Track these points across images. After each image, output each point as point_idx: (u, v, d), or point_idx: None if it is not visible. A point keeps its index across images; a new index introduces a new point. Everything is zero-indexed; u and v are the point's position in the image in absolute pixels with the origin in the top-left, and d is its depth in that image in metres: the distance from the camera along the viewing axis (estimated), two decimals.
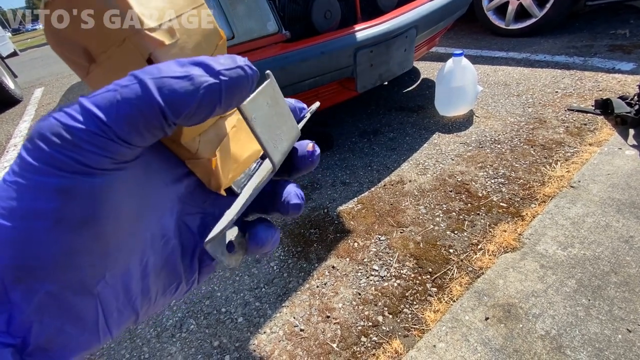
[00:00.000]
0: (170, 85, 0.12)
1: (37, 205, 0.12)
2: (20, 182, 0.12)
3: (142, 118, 0.12)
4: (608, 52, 2.26)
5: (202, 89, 0.13)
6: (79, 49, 0.16)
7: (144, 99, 0.12)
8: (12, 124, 3.69)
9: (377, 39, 1.43)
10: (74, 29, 0.15)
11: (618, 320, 0.86)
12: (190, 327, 1.10)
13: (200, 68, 0.13)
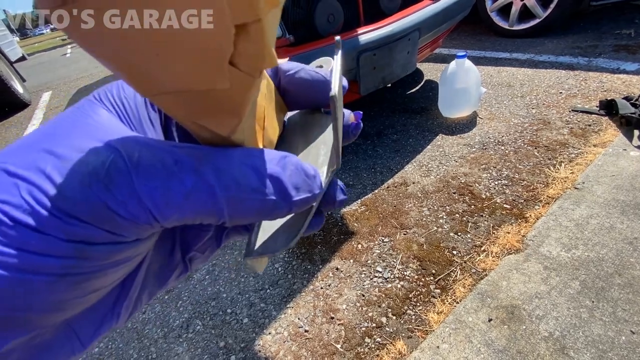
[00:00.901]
0: (242, 202, 0.13)
1: (46, 260, 0.11)
2: (25, 223, 0.11)
3: (197, 220, 0.13)
4: (613, 52, 2.25)
5: (268, 211, 0.13)
6: None
7: (211, 212, 0.12)
8: (20, 127, 3.75)
9: (379, 42, 1.44)
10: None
11: (622, 322, 0.86)
12: (196, 327, 1.12)
13: (274, 188, 0.13)
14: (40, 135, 0.13)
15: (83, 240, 0.11)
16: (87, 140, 0.13)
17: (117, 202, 0.11)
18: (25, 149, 0.13)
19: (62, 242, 0.11)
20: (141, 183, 0.12)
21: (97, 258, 0.12)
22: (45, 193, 0.11)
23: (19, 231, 0.11)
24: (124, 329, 1.17)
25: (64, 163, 0.12)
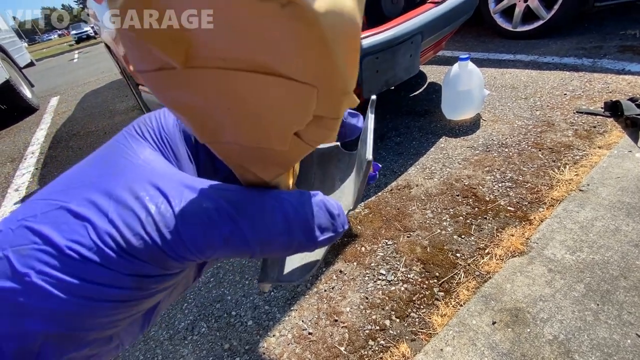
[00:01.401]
0: (271, 244, 0.14)
1: (110, 290, 0.13)
2: (94, 260, 0.13)
3: (232, 257, 0.15)
4: (618, 53, 2.24)
5: (294, 249, 0.15)
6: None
7: (244, 252, 0.15)
8: (29, 132, 3.82)
9: (382, 46, 1.45)
10: None
11: (627, 325, 0.86)
12: (201, 329, 1.13)
13: (301, 230, 0.15)
14: (96, 175, 0.15)
15: (140, 274, 0.14)
16: (139, 183, 0.15)
17: (169, 246, 0.14)
18: (85, 189, 0.15)
19: (124, 275, 0.13)
20: (186, 231, 0.14)
21: (150, 287, 0.14)
22: (110, 236, 0.13)
23: (88, 266, 0.13)
24: None
25: (123, 208, 0.14)
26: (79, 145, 3.01)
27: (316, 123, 0.12)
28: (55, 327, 0.13)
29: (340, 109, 0.12)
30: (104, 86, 5.17)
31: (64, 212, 0.14)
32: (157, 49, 0.09)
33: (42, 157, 2.98)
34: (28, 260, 0.13)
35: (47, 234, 0.13)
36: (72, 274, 0.13)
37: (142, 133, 0.17)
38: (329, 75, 0.10)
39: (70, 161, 2.72)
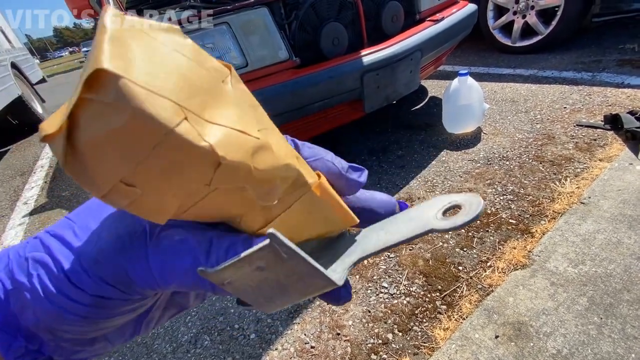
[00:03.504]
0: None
1: (76, 305, 0.16)
2: (69, 277, 0.16)
3: (192, 290, 0.18)
4: (617, 66, 2.27)
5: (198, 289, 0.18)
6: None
7: (200, 288, 0.17)
8: (39, 146, 3.90)
9: (383, 63, 1.49)
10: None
11: (631, 339, 0.85)
12: (204, 343, 1.14)
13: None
14: (96, 205, 0.19)
15: (102, 295, 0.16)
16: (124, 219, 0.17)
17: (134, 270, 0.16)
18: (89, 215, 0.18)
19: (88, 295, 0.16)
20: (155, 255, 0.16)
21: (110, 307, 0.17)
22: (88, 260, 0.16)
23: (64, 284, 0.16)
24: (134, 344, 1.19)
25: (108, 236, 0.17)
26: None
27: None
28: (40, 322, 0.16)
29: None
30: None
31: (70, 232, 0.17)
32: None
33: (51, 170, 3.04)
34: (36, 265, 0.17)
35: (52, 248, 0.17)
36: (54, 284, 0.16)
37: None
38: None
39: None
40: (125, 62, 0.11)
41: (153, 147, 0.11)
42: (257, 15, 1.37)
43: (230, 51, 1.35)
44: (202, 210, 0.15)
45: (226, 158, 0.13)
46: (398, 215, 0.18)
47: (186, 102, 0.12)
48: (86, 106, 0.11)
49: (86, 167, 0.12)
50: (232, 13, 1.32)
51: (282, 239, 0.13)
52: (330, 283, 0.16)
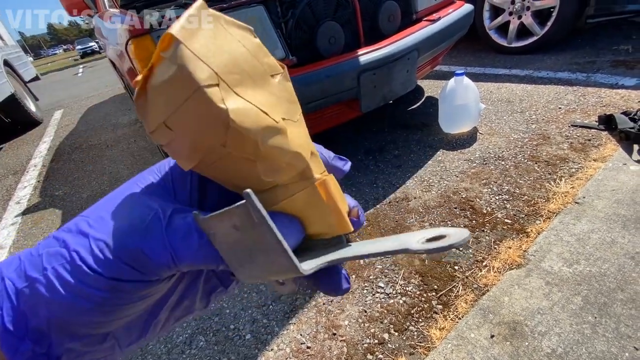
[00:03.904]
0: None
1: (93, 291, 0.16)
2: (90, 266, 0.16)
3: (203, 266, 0.18)
4: (611, 67, 2.29)
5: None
6: None
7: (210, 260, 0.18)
8: (32, 144, 3.86)
9: (379, 62, 1.49)
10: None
11: (625, 338, 0.86)
12: (199, 343, 1.13)
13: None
14: (115, 196, 0.20)
15: (119, 278, 0.16)
16: (138, 200, 0.19)
17: (151, 248, 0.17)
18: (102, 208, 0.19)
19: (104, 278, 0.16)
20: (170, 234, 0.17)
21: (127, 292, 0.17)
22: (104, 242, 0.17)
23: (81, 271, 0.16)
24: None
25: (121, 219, 0.18)
26: (81, 158, 3.04)
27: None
28: (53, 317, 0.16)
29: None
30: (108, 100, 5.25)
31: (84, 223, 0.18)
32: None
33: (44, 169, 3.01)
34: (50, 259, 0.17)
35: (68, 240, 0.17)
36: (70, 273, 0.16)
37: (148, 178, 0.21)
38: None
39: (72, 174, 2.75)
40: (189, 34, 0.15)
41: (186, 98, 0.15)
42: (253, 13, 1.36)
43: None
44: (218, 171, 0.17)
45: (235, 122, 0.15)
46: (389, 237, 0.20)
47: (224, 75, 0.15)
48: (159, 60, 0.15)
49: (146, 106, 0.16)
50: (228, 11, 1.31)
51: (255, 202, 0.15)
52: (294, 267, 0.16)
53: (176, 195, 0.20)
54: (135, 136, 3.25)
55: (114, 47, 1.63)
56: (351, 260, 0.19)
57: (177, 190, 0.20)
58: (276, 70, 0.18)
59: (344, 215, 0.20)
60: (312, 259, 0.19)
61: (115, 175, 2.53)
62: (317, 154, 0.20)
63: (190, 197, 0.20)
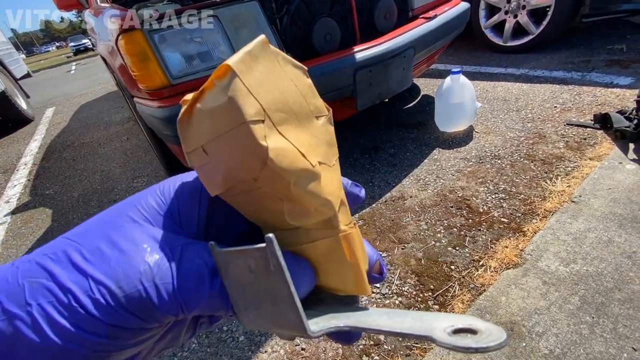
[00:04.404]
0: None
1: (89, 336, 0.14)
2: (89, 311, 0.14)
3: (213, 312, 0.17)
4: (606, 67, 2.29)
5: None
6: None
7: (222, 309, 0.17)
8: (23, 143, 3.79)
9: (375, 59, 1.47)
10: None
11: (623, 339, 0.85)
12: (192, 345, 1.10)
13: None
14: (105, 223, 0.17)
15: (120, 325, 0.15)
16: (141, 236, 0.17)
17: (161, 299, 0.15)
18: (97, 234, 0.17)
19: (104, 325, 0.15)
20: (180, 284, 0.16)
21: (124, 338, 0.15)
22: (105, 287, 0.15)
23: (76, 313, 0.14)
24: None
25: (125, 259, 0.16)
26: (73, 157, 2.99)
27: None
28: (36, 358, 0.14)
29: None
30: (100, 97, 5.18)
31: (77, 254, 0.15)
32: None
33: (34, 168, 2.95)
34: (35, 293, 0.14)
35: (57, 274, 0.15)
36: (62, 314, 0.14)
37: (150, 200, 0.19)
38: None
39: (64, 172, 2.70)
40: (246, 68, 0.15)
41: (230, 129, 0.15)
42: (248, 9, 1.33)
43: (219, 45, 1.31)
44: (243, 202, 0.17)
45: (273, 161, 0.15)
46: (411, 312, 0.18)
47: (271, 112, 0.15)
48: (211, 87, 0.15)
49: (189, 126, 0.16)
50: (221, 6, 1.28)
51: (275, 249, 0.14)
52: (301, 326, 0.15)
53: (181, 223, 0.18)
54: (128, 134, 3.20)
55: (104, 43, 1.59)
56: (363, 331, 0.17)
57: (183, 217, 0.18)
58: (322, 112, 0.19)
59: (363, 276, 0.19)
60: (320, 317, 0.18)
61: (107, 174, 2.48)
62: (346, 204, 0.20)
63: (197, 225, 0.19)
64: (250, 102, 0.15)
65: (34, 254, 0.16)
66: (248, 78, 0.15)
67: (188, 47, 1.26)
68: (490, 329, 0.14)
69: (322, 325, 0.17)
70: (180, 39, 1.24)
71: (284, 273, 0.15)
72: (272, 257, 0.14)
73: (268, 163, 0.15)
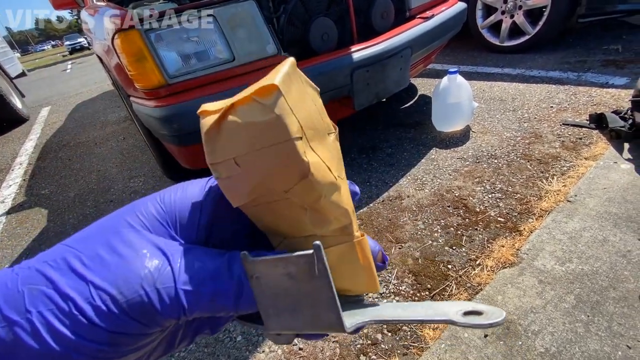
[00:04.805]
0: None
1: (88, 344, 0.14)
2: (90, 318, 0.15)
3: (214, 314, 0.18)
4: (601, 67, 2.31)
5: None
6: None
7: (224, 309, 0.18)
8: (18, 142, 3.76)
9: (372, 59, 1.47)
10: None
11: (617, 337, 0.86)
12: (189, 346, 1.10)
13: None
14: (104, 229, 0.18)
15: (121, 331, 0.15)
16: (140, 242, 0.17)
17: (162, 303, 0.15)
18: (96, 241, 0.17)
19: (105, 332, 0.15)
20: (182, 288, 0.16)
21: (125, 344, 0.15)
22: (107, 293, 0.15)
23: (76, 321, 0.14)
24: None
25: (125, 264, 0.16)
26: (69, 156, 2.97)
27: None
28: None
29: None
30: (96, 97, 5.15)
31: (77, 261, 0.15)
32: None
33: (30, 168, 2.93)
34: (35, 300, 0.14)
35: (57, 281, 0.15)
36: (62, 321, 0.14)
37: (149, 207, 0.19)
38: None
39: (59, 172, 2.68)
40: (287, 88, 0.16)
41: (272, 144, 0.15)
42: (245, 8, 1.33)
43: (216, 45, 1.30)
44: (265, 213, 0.18)
45: (314, 175, 0.16)
46: (416, 303, 0.20)
47: (305, 129, 0.17)
48: (249, 102, 0.16)
49: (218, 138, 0.16)
50: (218, 5, 1.27)
51: (323, 256, 0.16)
52: (340, 325, 0.17)
53: (181, 231, 0.19)
54: (124, 134, 3.18)
55: (100, 42, 1.58)
56: (390, 323, 0.20)
57: (182, 225, 0.19)
58: (332, 129, 0.21)
59: (375, 275, 0.21)
60: (345, 314, 0.19)
61: (103, 174, 2.47)
62: (354, 213, 0.21)
63: (197, 234, 0.19)
64: (293, 120, 0.16)
65: (34, 260, 0.16)
66: (289, 97, 0.16)
67: (185, 47, 1.26)
68: (491, 310, 0.17)
69: (351, 321, 0.18)
70: (176, 38, 1.24)
71: (328, 276, 0.16)
72: (318, 262, 0.16)
73: (309, 177, 0.16)
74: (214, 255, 0.18)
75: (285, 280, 0.16)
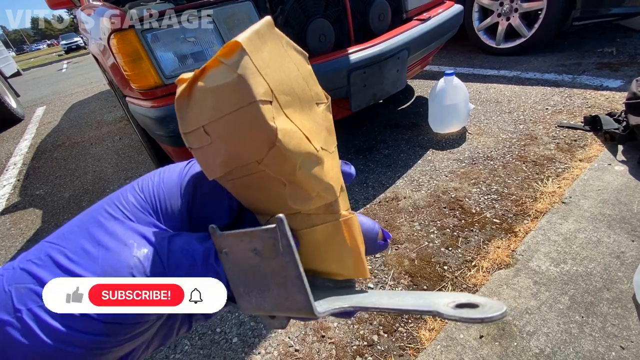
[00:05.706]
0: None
1: (84, 336, 0.14)
2: (72, 314, 0.14)
3: None
4: (596, 69, 2.33)
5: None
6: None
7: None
8: (12, 142, 3.73)
9: (369, 61, 1.48)
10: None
11: (611, 337, 0.86)
12: (184, 347, 1.10)
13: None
14: (87, 222, 0.17)
15: (117, 321, 0.15)
16: (126, 232, 0.17)
17: None
18: (79, 235, 0.17)
19: (99, 323, 0.15)
20: (172, 271, 0.16)
21: (122, 334, 0.15)
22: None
23: (68, 315, 0.14)
24: None
25: (112, 255, 0.16)
26: (64, 156, 2.95)
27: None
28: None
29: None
30: (92, 97, 5.12)
31: (62, 256, 0.15)
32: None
33: (24, 168, 2.91)
34: (23, 298, 0.14)
35: (45, 277, 0.15)
36: (54, 316, 0.14)
37: (129, 197, 0.19)
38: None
39: (54, 173, 2.66)
40: (255, 47, 0.15)
41: (236, 109, 0.14)
42: (242, 9, 1.33)
43: (213, 45, 1.30)
44: (242, 186, 0.17)
45: (282, 142, 0.15)
46: (408, 292, 0.19)
47: (278, 94, 0.15)
48: (216, 64, 0.15)
49: (188, 106, 0.15)
50: (215, 6, 1.27)
51: (286, 229, 0.14)
52: (308, 307, 0.15)
53: (163, 218, 0.18)
54: (120, 134, 3.17)
55: (96, 41, 1.57)
56: (367, 311, 0.18)
57: (164, 211, 0.18)
58: (322, 99, 0.19)
59: (363, 259, 0.20)
60: (324, 299, 0.18)
61: (99, 174, 2.46)
62: (345, 190, 0.20)
63: (180, 219, 0.19)
64: (260, 81, 0.14)
65: (17, 261, 0.16)
66: (257, 57, 0.14)
67: (181, 47, 1.26)
68: (490, 302, 0.15)
69: (326, 306, 0.17)
70: (173, 38, 1.24)
71: (293, 254, 0.15)
72: (282, 237, 0.15)
73: (277, 144, 0.15)
74: (200, 239, 0.17)
75: (252, 256, 0.16)
